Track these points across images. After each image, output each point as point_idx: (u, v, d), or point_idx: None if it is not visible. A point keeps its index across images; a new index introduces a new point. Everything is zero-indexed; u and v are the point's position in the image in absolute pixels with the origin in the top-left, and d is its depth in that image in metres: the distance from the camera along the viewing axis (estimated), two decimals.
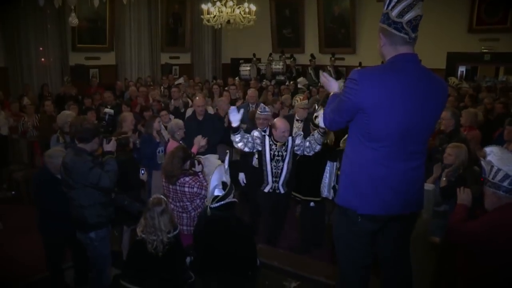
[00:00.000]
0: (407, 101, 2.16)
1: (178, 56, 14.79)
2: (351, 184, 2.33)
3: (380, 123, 2.18)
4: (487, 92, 8.67)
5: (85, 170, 3.54)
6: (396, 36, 2.20)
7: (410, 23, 2.18)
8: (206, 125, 5.95)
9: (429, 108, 2.23)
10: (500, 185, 2.47)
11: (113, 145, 3.82)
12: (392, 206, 2.29)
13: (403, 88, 2.16)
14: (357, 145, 2.30)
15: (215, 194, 3.06)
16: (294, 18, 14.41)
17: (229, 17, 9.73)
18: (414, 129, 2.21)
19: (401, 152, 2.24)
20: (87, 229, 3.70)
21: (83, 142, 3.68)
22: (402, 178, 2.26)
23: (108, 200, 3.81)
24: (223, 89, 9.45)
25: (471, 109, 6.12)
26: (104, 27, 12.50)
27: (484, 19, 11.48)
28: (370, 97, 2.15)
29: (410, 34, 2.19)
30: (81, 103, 8.50)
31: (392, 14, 2.18)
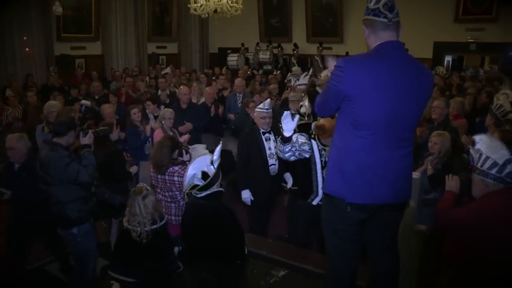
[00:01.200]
0: (392, 88, 2.17)
1: (165, 45, 14.67)
2: (339, 173, 2.33)
3: (366, 111, 2.20)
4: (472, 82, 8.75)
5: (61, 165, 3.47)
6: (376, 22, 2.23)
7: (386, 5, 2.21)
8: (190, 113, 5.96)
9: (416, 95, 2.24)
10: (488, 172, 2.50)
11: (90, 138, 3.74)
12: (381, 194, 2.30)
13: (388, 75, 2.17)
14: (344, 133, 2.31)
15: (195, 183, 3.05)
16: (282, 7, 14.35)
17: (216, 6, 9.62)
18: (401, 117, 2.23)
19: (388, 140, 2.25)
20: (69, 225, 3.64)
21: (58, 136, 3.60)
22: (390, 166, 2.28)
23: (88, 194, 3.76)
24: (211, 79, 9.41)
25: (458, 98, 6.18)
26: (90, 16, 12.32)
27: (470, 9, 11.58)
28: (355, 84, 2.17)
29: (388, 16, 2.21)
30: (68, 94, 8.39)
31: (370, 4, 2.25)
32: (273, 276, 3.27)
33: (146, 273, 2.97)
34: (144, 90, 8.35)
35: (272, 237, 4.68)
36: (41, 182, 3.61)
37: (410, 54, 2.37)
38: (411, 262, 3.32)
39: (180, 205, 3.92)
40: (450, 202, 2.69)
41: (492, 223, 2.40)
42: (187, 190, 3.14)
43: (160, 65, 13.21)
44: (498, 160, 2.48)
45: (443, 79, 8.84)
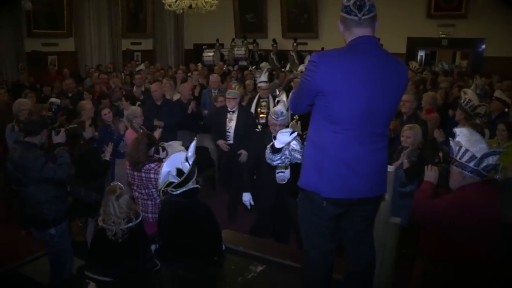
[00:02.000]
0: (366, 82, 2.19)
1: (140, 42, 14.50)
2: (314, 168, 2.35)
3: (340, 105, 2.21)
4: (444, 76, 8.94)
5: (38, 165, 3.42)
6: (348, 19, 2.26)
7: (355, 4, 2.23)
8: (164, 110, 5.95)
9: (390, 89, 2.26)
10: (466, 165, 2.56)
11: (63, 137, 3.72)
12: (356, 189, 2.32)
13: (362, 69, 2.19)
14: (319, 128, 2.33)
15: (170, 180, 3.04)
16: (257, 3, 14.34)
17: (191, 1, 9.57)
18: (375, 111, 2.25)
19: (363, 135, 2.27)
20: (46, 226, 3.59)
21: (30, 135, 3.55)
22: (365, 161, 2.30)
23: (64, 193, 3.72)
24: (186, 75, 9.35)
25: (430, 92, 6.31)
26: (62, 11, 12.06)
27: (441, 6, 11.85)
28: (329, 79, 2.19)
29: (358, 14, 2.23)
30: (40, 91, 8.21)
31: (344, 0, 2.27)
32: (251, 271, 3.29)
33: (123, 272, 2.95)
34: (119, 86, 8.23)
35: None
36: (14, 183, 3.54)
37: (385, 49, 2.39)
38: (386, 254, 3.38)
39: (157, 202, 3.89)
40: (428, 192, 2.75)
41: (468, 214, 2.46)
42: (163, 188, 3.12)
43: (135, 62, 13.04)
44: (476, 153, 2.54)
45: (416, 74, 9.00)
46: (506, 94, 6.12)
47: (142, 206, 3.88)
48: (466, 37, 11.72)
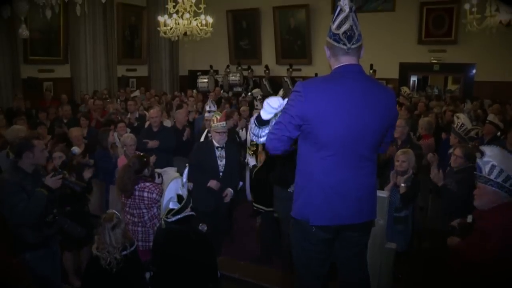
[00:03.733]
0: (351, 108, 2.22)
1: (135, 68, 14.60)
2: (303, 195, 2.37)
3: (326, 132, 2.23)
4: (436, 101, 9.06)
5: (7, 192, 3.31)
6: (336, 47, 2.29)
7: (345, 33, 2.25)
8: (160, 136, 5.98)
9: (375, 115, 2.28)
10: (503, 185, 2.60)
11: (56, 183, 3.44)
12: (345, 215, 2.33)
13: (347, 96, 2.23)
14: (306, 156, 2.35)
15: (170, 207, 3.04)
16: (251, 30, 14.56)
17: (186, 29, 9.70)
18: (361, 136, 2.27)
19: (350, 160, 2.29)
20: (21, 249, 3.46)
21: (15, 158, 3.43)
22: (353, 187, 2.31)
23: (43, 222, 3.50)
24: (181, 101, 9.41)
25: (426, 118, 6.40)
26: (58, 38, 12.17)
27: (431, 32, 12.10)
28: (315, 107, 2.21)
29: (347, 44, 2.25)
30: (35, 117, 8.21)
31: (333, 27, 2.29)
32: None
33: None
34: (113, 111, 8.26)
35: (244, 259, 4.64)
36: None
37: (369, 76, 2.44)
38: (382, 280, 3.35)
39: (147, 228, 3.87)
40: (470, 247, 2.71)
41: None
42: (164, 216, 3.11)
43: (130, 88, 13.12)
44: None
45: (408, 99, 9.11)
46: (498, 118, 6.21)
47: (132, 233, 3.83)
48: (457, 62, 11.93)
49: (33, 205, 3.32)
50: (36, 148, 3.46)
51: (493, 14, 7.87)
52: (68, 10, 11.02)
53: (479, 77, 11.75)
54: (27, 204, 3.31)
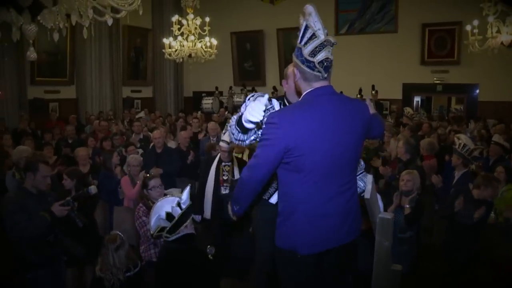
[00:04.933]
0: (330, 132, 2.20)
1: (140, 89, 14.73)
2: (288, 224, 2.31)
3: (309, 160, 2.19)
4: (439, 121, 9.07)
5: (8, 210, 3.34)
6: (308, 73, 2.22)
7: (322, 63, 2.19)
8: (164, 157, 5.98)
9: (353, 133, 2.29)
10: None
11: (62, 212, 3.44)
12: (332, 239, 2.30)
13: (324, 121, 2.20)
14: (287, 185, 2.30)
15: (162, 225, 3.00)
16: (255, 51, 14.73)
17: (191, 51, 9.83)
18: (343, 158, 2.26)
19: (333, 184, 2.27)
20: (23, 268, 3.48)
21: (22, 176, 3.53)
22: (339, 210, 2.29)
23: (44, 241, 3.51)
24: (186, 123, 9.46)
25: (427, 138, 6.40)
26: (65, 60, 12.34)
27: (434, 53, 12.19)
28: (293, 136, 2.15)
29: (323, 73, 2.21)
30: (40, 138, 8.28)
31: (304, 51, 2.19)
32: None
33: None
34: (119, 131, 8.31)
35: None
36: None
37: (339, 93, 2.41)
38: None
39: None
40: None
41: None
42: (156, 233, 3.09)
43: (134, 109, 13.22)
44: None
45: (411, 120, 9.13)
46: (503, 138, 6.20)
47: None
48: (460, 82, 11.99)
49: (33, 226, 3.34)
50: (39, 172, 3.52)
51: (494, 36, 7.94)
52: (75, 33, 11.18)
53: (482, 97, 11.79)
54: (27, 224, 3.33)
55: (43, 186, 3.61)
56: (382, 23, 12.94)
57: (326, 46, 2.18)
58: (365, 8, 13.14)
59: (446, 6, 11.60)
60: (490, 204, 4.16)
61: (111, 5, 3.59)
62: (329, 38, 2.20)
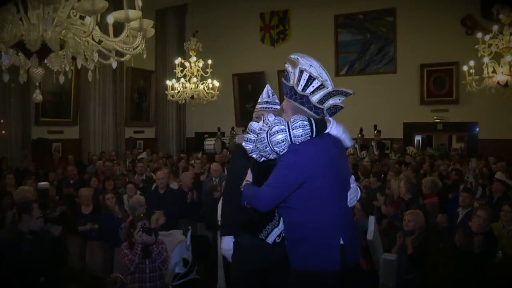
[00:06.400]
0: (335, 159, 2.38)
1: (143, 130, 14.86)
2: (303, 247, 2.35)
3: (323, 185, 2.31)
4: (441, 160, 9.08)
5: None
6: (311, 115, 2.37)
7: (330, 110, 2.38)
8: (166, 198, 5.94)
9: (345, 158, 2.56)
10: None
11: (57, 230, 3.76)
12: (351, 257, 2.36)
13: (329, 147, 2.37)
14: (302, 209, 2.35)
15: (176, 271, 2.99)
16: (256, 92, 14.89)
17: (193, 92, 10.00)
18: (345, 181, 2.45)
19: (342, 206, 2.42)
20: None
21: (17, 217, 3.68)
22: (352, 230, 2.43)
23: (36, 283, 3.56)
24: (188, 164, 9.47)
25: (429, 177, 6.40)
26: (69, 101, 12.52)
27: (433, 92, 12.39)
28: (312, 162, 2.28)
29: (327, 116, 2.40)
30: (43, 178, 8.28)
31: (312, 99, 2.35)
32: None
33: None
34: (122, 173, 8.33)
35: None
36: None
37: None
38: None
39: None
40: None
41: None
42: (172, 282, 3.06)
43: (137, 150, 13.28)
44: None
45: (414, 158, 9.14)
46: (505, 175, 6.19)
47: None
48: (460, 121, 12.10)
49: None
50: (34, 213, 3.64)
51: (490, 76, 8.08)
52: (80, 74, 11.40)
53: (482, 135, 11.86)
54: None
55: (36, 228, 3.69)
56: (382, 64, 13.22)
57: (334, 95, 2.36)
58: (364, 50, 13.45)
59: (443, 47, 11.89)
60: (492, 235, 4.12)
61: (116, 49, 3.68)
62: (342, 89, 2.37)
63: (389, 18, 13.04)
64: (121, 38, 3.50)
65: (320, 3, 13.46)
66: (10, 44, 3.31)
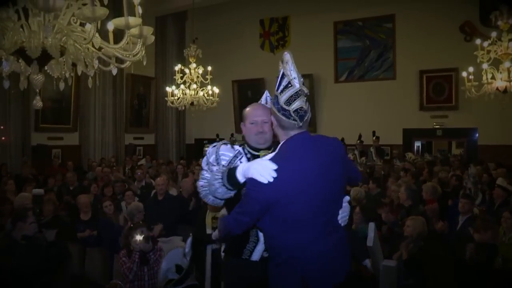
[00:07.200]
0: (314, 179, 2.17)
1: (143, 136, 14.86)
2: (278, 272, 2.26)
3: (296, 211, 2.16)
4: (441, 166, 9.08)
5: None
6: (284, 121, 2.21)
7: (297, 112, 2.18)
8: (165, 205, 5.93)
9: (335, 172, 2.26)
10: None
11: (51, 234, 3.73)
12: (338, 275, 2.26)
13: (306, 168, 2.17)
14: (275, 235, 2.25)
15: (169, 277, 2.98)
16: (256, 99, 14.63)
17: (193, 99, 10.00)
18: (329, 200, 2.24)
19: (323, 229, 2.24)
20: None
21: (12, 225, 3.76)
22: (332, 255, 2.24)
23: None
24: (187, 170, 9.47)
25: (430, 183, 6.40)
26: (69, 107, 12.53)
27: (432, 98, 12.41)
28: (279, 188, 2.11)
29: (298, 122, 2.19)
30: (43, 184, 8.28)
31: (280, 99, 2.20)
32: None
33: None
34: (121, 180, 8.31)
35: None
36: None
37: (314, 134, 2.41)
38: None
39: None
40: None
41: None
42: (162, 286, 3.05)
43: (137, 156, 13.28)
44: None
45: (413, 165, 9.15)
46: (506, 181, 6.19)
47: None
48: (460, 127, 12.11)
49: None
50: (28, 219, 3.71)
51: (489, 82, 8.10)
52: (80, 81, 11.42)
53: (482, 141, 11.87)
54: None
55: (30, 233, 3.73)
56: (381, 70, 13.25)
57: (301, 95, 2.19)
58: (363, 56, 13.49)
59: (442, 54, 11.93)
60: (493, 246, 4.11)
61: (116, 56, 3.69)
62: (303, 88, 2.20)
63: (388, 25, 13.09)
64: (121, 45, 3.52)
65: (319, 10, 13.53)
66: (11, 51, 3.32)
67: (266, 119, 2.53)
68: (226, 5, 14.10)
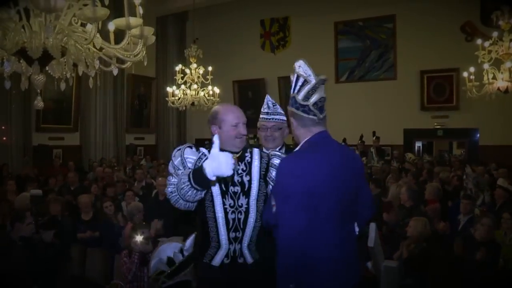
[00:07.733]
0: (340, 176, 2.20)
1: (143, 137, 14.86)
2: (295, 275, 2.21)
3: (324, 205, 2.15)
4: (441, 166, 9.08)
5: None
6: (305, 118, 2.27)
7: (316, 104, 2.26)
8: (166, 205, 5.92)
9: (353, 176, 2.30)
10: None
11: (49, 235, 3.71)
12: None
13: (333, 165, 2.20)
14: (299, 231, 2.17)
15: (161, 268, 2.94)
16: (257, 99, 14.92)
17: (194, 99, 10.00)
18: (349, 200, 2.25)
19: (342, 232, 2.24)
20: None
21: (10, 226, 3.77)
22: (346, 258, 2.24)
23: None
24: None
25: (434, 183, 6.40)
26: (70, 108, 12.54)
27: (433, 98, 12.40)
28: (310, 180, 2.12)
29: (318, 115, 2.26)
30: (43, 184, 8.29)
31: (298, 97, 2.27)
32: None
33: None
34: (122, 180, 8.32)
35: None
36: None
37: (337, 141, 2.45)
38: None
39: None
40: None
41: None
42: (154, 275, 3.02)
43: (137, 156, 13.28)
44: None
45: (413, 165, 9.14)
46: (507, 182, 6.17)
47: None
48: (461, 127, 12.10)
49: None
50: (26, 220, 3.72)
51: (490, 82, 8.09)
52: (81, 81, 11.41)
53: (483, 141, 11.86)
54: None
55: (27, 234, 3.75)
56: (381, 70, 13.25)
57: (319, 87, 2.26)
58: (364, 57, 13.49)
59: (443, 54, 11.92)
60: (495, 244, 4.11)
61: (117, 56, 3.69)
62: (320, 78, 2.26)
63: (389, 25, 13.09)
64: (122, 45, 3.52)
65: (320, 10, 13.52)
66: (12, 51, 3.32)
67: (245, 120, 2.64)
68: (227, 6, 14.10)
